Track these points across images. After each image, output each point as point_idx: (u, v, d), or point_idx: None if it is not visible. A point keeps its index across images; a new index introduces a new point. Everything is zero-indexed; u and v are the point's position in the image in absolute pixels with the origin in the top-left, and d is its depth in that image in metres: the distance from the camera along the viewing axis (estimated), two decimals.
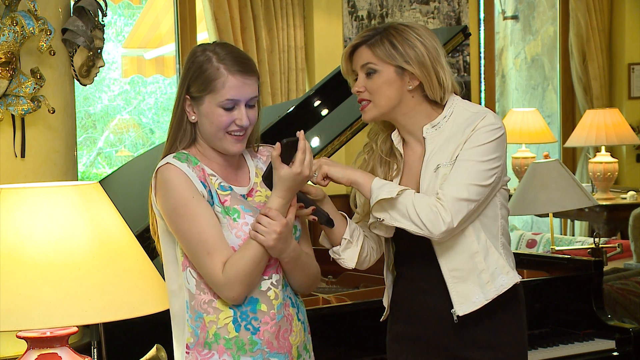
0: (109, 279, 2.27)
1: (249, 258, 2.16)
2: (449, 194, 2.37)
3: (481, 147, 2.41)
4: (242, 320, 2.20)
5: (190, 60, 2.27)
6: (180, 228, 2.20)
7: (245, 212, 2.23)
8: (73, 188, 2.34)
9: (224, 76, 2.21)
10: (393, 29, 2.47)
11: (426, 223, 2.36)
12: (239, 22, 6.31)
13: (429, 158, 2.46)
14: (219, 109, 2.22)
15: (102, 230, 2.32)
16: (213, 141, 2.26)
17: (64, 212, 2.27)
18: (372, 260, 2.58)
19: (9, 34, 3.15)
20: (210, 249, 2.17)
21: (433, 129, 2.48)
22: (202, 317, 2.21)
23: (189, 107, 2.26)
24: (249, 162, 2.36)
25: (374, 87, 2.46)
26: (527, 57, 8.68)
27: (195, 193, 2.19)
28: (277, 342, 2.23)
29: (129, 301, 2.31)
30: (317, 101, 3.97)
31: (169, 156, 2.25)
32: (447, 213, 2.35)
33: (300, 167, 2.20)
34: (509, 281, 2.48)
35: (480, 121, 2.43)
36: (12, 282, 2.20)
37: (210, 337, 2.21)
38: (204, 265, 2.18)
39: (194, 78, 2.24)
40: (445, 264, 2.45)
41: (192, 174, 2.21)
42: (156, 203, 2.25)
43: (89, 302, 2.22)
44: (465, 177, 2.39)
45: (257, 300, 2.22)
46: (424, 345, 2.53)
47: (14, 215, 2.25)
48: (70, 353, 2.34)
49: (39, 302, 2.19)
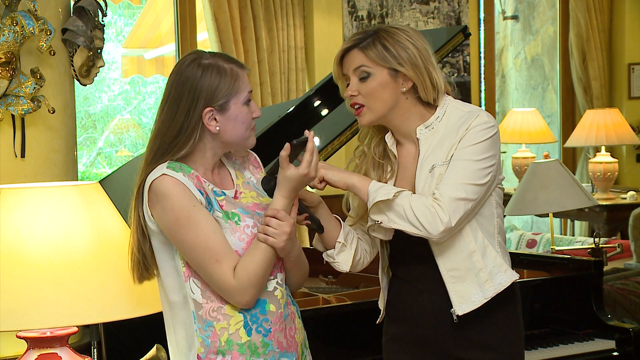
0: (109, 279, 2.27)
1: (260, 261, 2.16)
2: (446, 194, 2.37)
3: (476, 146, 2.41)
4: (252, 323, 2.19)
5: (193, 74, 2.20)
6: (185, 239, 2.15)
7: (244, 214, 2.23)
8: (73, 188, 2.34)
9: (239, 74, 2.23)
10: (383, 31, 2.45)
11: (424, 224, 2.35)
12: (239, 22, 6.31)
13: (424, 159, 2.46)
14: (244, 107, 2.23)
15: (102, 230, 2.32)
16: (240, 142, 2.26)
17: (64, 212, 2.27)
18: (365, 263, 2.58)
19: (9, 34, 3.15)
20: (218, 256, 2.14)
21: (426, 129, 2.48)
22: (212, 325, 2.18)
23: (211, 119, 2.20)
24: (227, 165, 2.35)
25: (368, 91, 2.44)
26: (527, 57, 8.68)
27: (195, 202, 2.16)
28: (286, 341, 2.23)
29: (129, 301, 2.31)
30: (317, 101, 3.97)
31: (162, 167, 2.18)
32: (445, 213, 2.35)
33: (308, 169, 2.20)
34: (507, 279, 2.48)
35: (473, 120, 2.43)
36: (12, 282, 2.20)
37: (223, 345, 2.18)
38: (213, 273, 2.15)
39: (214, 87, 2.19)
40: (443, 263, 2.45)
41: (189, 183, 2.17)
42: (152, 217, 2.18)
43: (89, 302, 2.23)
44: (461, 177, 2.39)
45: (265, 301, 2.21)
46: (421, 346, 2.53)
47: (14, 215, 2.25)
48: (70, 353, 2.35)
49: (39, 302, 2.19)
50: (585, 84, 7.95)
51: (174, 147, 2.20)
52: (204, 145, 2.23)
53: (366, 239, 2.58)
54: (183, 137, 2.20)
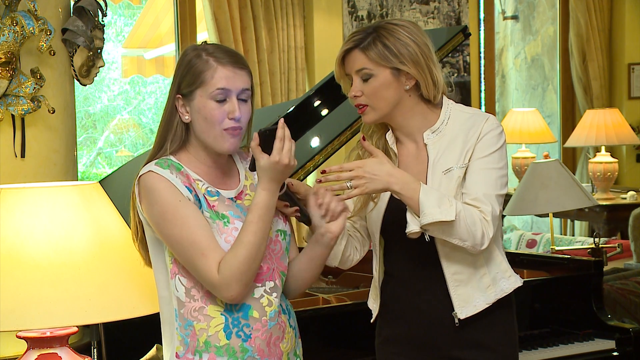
0: (109, 279, 2.27)
1: (243, 256, 2.12)
2: (488, 210, 2.38)
3: (495, 154, 2.44)
4: (233, 327, 2.17)
5: (180, 59, 2.24)
6: (170, 233, 2.15)
7: (234, 217, 2.20)
8: (73, 188, 2.34)
9: (213, 67, 2.17)
10: (383, 29, 2.44)
11: (476, 239, 2.36)
12: (239, 22, 6.31)
13: (435, 162, 2.45)
14: (211, 102, 2.17)
15: (102, 230, 2.32)
16: (207, 139, 2.20)
17: (64, 212, 2.27)
18: (354, 260, 2.56)
19: (9, 34, 3.15)
20: (204, 250, 2.13)
21: (434, 134, 2.48)
22: (192, 324, 2.17)
23: (182, 107, 2.21)
24: (238, 165, 2.32)
25: (372, 91, 2.44)
26: (527, 57, 8.68)
27: (180, 197, 2.15)
28: (268, 349, 2.20)
29: (129, 301, 2.31)
30: (317, 101, 3.97)
31: (151, 163, 2.19)
32: (491, 228, 2.38)
33: (279, 156, 2.13)
34: (510, 286, 2.49)
35: (484, 124, 2.44)
36: (12, 282, 2.20)
37: (201, 345, 2.17)
38: (199, 267, 2.13)
39: (184, 75, 2.20)
40: (448, 267, 2.45)
41: (176, 180, 2.16)
42: (142, 211, 2.20)
43: (89, 302, 2.23)
44: (494, 188, 2.41)
45: (250, 306, 2.19)
46: (418, 347, 2.52)
47: (14, 215, 2.25)
48: (70, 353, 2.35)
49: (39, 302, 2.19)
50: (585, 84, 7.95)
51: (166, 141, 2.23)
52: (194, 140, 2.23)
53: (357, 237, 2.57)
54: (169, 128, 2.23)
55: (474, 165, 2.42)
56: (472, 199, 2.39)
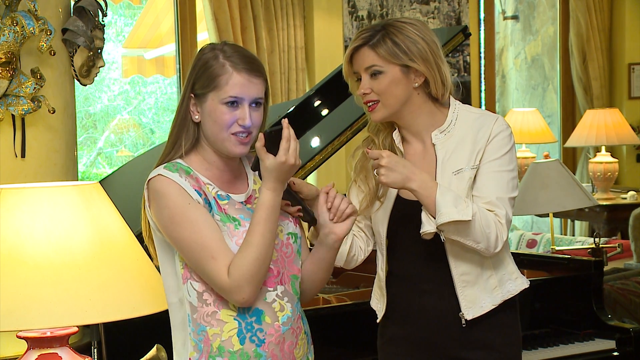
0: (109, 279, 2.27)
1: (252, 258, 2.11)
2: (502, 213, 2.39)
3: (506, 156, 2.44)
4: (247, 332, 2.16)
5: (197, 57, 2.23)
6: (180, 237, 2.14)
7: (245, 220, 2.19)
8: (73, 188, 2.34)
9: (229, 73, 2.16)
10: (392, 26, 2.44)
11: (490, 241, 2.37)
12: (239, 22, 6.31)
13: (444, 162, 2.45)
14: (222, 107, 2.16)
15: (102, 230, 2.31)
16: (216, 142, 2.20)
17: (64, 212, 2.27)
18: (359, 260, 2.56)
19: (9, 34, 3.15)
20: (214, 253, 2.11)
21: (442, 134, 2.47)
22: (205, 330, 2.16)
23: (193, 106, 2.21)
24: (247, 168, 2.31)
25: (381, 88, 2.43)
26: (527, 57, 8.68)
27: (190, 200, 2.14)
28: (281, 354, 2.19)
29: (129, 301, 2.30)
30: (317, 101, 3.97)
31: (160, 167, 2.19)
32: (505, 232, 2.39)
33: (285, 156, 2.13)
34: (516, 287, 2.50)
35: (494, 124, 2.44)
36: (12, 282, 2.20)
37: (215, 351, 2.16)
38: (210, 270, 2.12)
39: (199, 75, 2.19)
40: (456, 267, 2.44)
41: (185, 183, 2.16)
42: (151, 215, 2.20)
43: (89, 302, 2.22)
44: (506, 192, 2.42)
45: (262, 311, 2.17)
46: (423, 347, 2.52)
47: (14, 215, 2.25)
48: (70, 353, 2.34)
49: (39, 302, 2.19)
50: (586, 84, 7.95)
51: (181, 139, 2.22)
52: (204, 141, 2.23)
53: (362, 237, 2.56)
54: (184, 127, 2.22)
55: (485, 168, 2.42)
56: (485, 202, 2.39)
